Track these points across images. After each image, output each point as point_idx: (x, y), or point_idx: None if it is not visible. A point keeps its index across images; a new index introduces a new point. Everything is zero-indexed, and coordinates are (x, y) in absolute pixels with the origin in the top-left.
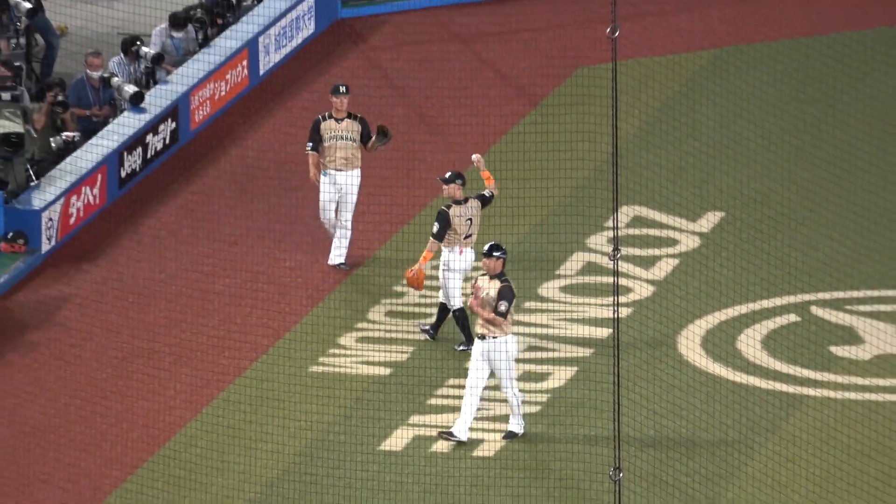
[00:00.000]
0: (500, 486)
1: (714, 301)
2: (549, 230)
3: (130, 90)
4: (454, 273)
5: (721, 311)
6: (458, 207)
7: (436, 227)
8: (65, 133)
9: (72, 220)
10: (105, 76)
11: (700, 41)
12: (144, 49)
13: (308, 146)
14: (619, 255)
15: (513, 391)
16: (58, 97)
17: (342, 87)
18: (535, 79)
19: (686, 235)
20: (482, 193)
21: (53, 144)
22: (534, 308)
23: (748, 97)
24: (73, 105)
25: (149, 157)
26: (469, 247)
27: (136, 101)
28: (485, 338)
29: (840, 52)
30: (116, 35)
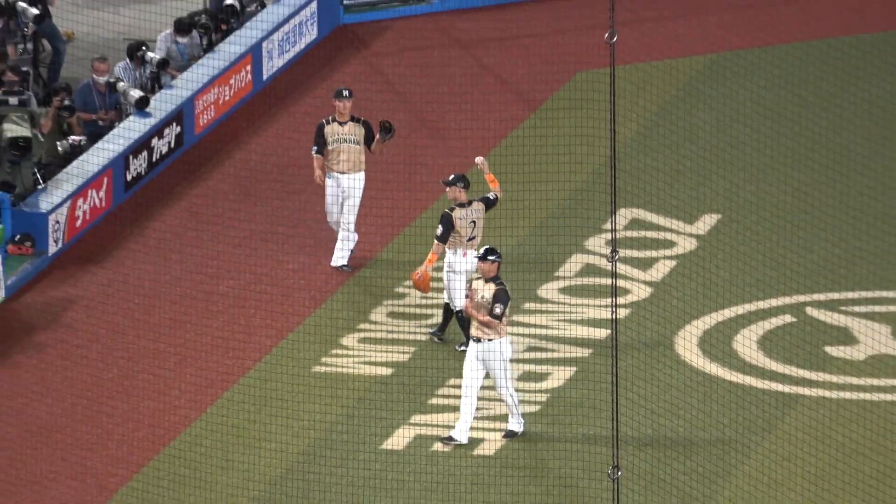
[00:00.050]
0: (501, 485)
1: (711, 302)
2: (549, 232)
3: (136, 95)
4: (458, 275)
5: (718, 312)
6: (462, 210)
7: (439, 230)
8: (71, 137)
9: (78, 223)
10: (111, 81)
11: (697, 46)
12: (150, 54)
13: (313, 149)
14: (618, 257)
15: (508, 392)
16: (64, 102)
17: (345, 91)
18: (535, 84)
19: (683, 238)
20: (486, 196)
21: (60, 148)
22: (533, 309)
23: (745, 101)
24: (80, 109)
25: (154, 161)
26: (473, 249)
27: (142, 106)
28: (480, 340)
29: (836, 57)
30: (122, 41)
